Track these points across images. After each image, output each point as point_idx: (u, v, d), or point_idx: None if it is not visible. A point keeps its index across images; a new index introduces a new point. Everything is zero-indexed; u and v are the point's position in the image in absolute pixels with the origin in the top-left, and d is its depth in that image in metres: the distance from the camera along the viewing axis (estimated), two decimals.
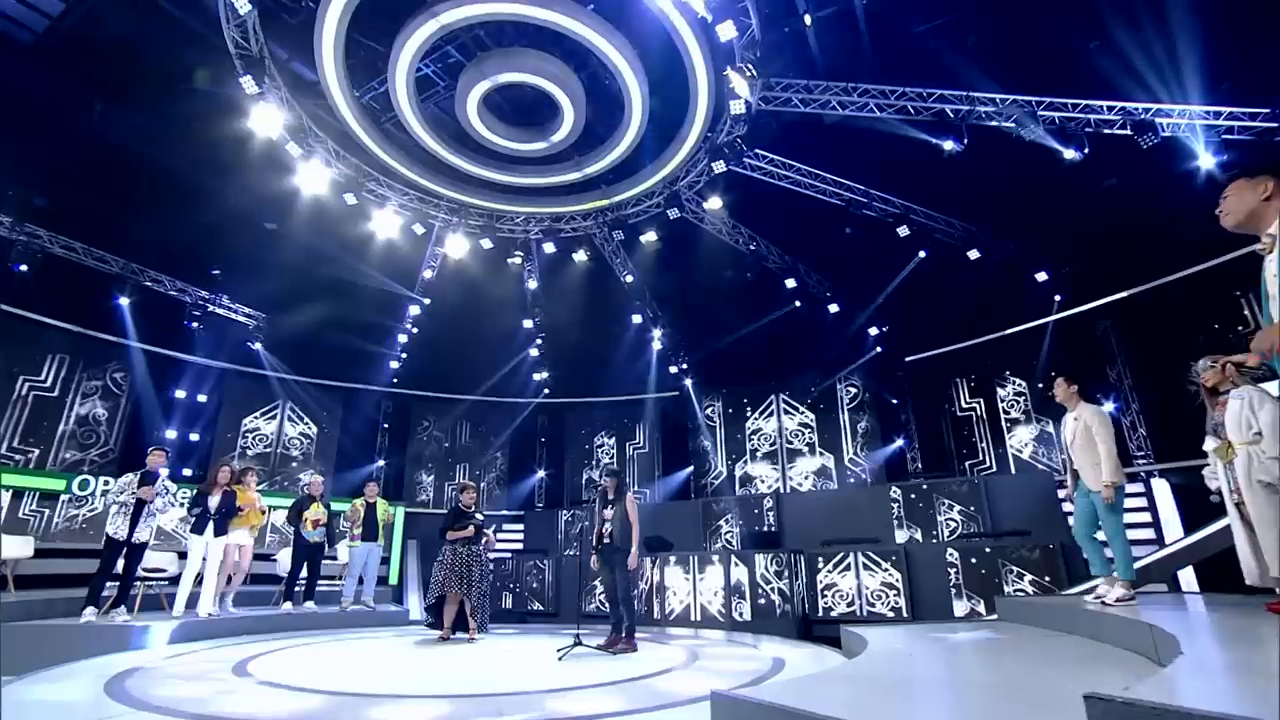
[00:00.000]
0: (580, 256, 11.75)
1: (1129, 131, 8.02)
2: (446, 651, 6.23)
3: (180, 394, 13.46)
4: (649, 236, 11.03)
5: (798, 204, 10.90)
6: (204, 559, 7.05)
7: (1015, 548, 8.96)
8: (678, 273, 12.69)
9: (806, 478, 13.99)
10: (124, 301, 11.94)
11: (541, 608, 11.70)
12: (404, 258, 12.01)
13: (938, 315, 12.71)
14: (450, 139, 10.12)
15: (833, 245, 11.83)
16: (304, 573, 8.56)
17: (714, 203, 10.15)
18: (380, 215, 10.94)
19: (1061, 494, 6.41)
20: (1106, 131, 8.18)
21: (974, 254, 10.90)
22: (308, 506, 8.52)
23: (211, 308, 13.41)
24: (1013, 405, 12.64)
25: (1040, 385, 12.16)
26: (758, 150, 10.05)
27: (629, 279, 12.88)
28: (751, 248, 12.05)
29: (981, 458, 12.73)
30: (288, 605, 8.24)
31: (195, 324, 13.07)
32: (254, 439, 14.15)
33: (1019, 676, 3.36)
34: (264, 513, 8.03)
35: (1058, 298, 11.37)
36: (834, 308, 13.16)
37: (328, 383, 15.12)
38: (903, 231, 10.67)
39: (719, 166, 9.43)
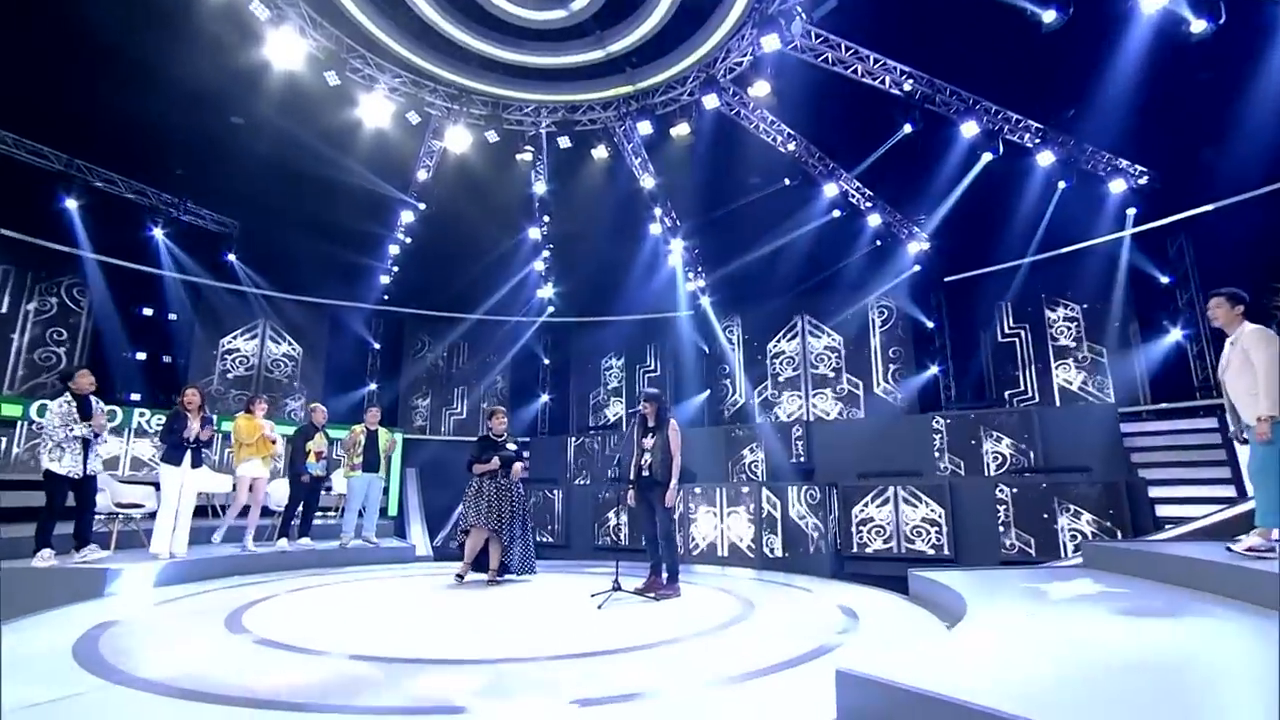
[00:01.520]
0: (599, 154, 10.25)
1: None
2: (468, 597, 5.43)
3: (148, 311, 12.24)
4: (680, 129, 9.53)
5: (847, 96, 9.44)
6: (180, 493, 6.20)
7: (1073, 485, 8.29)
8: (702, 176, 11.22)
9: (833, 405, 13.18)
10: (71, 205, 10.46)
11: (551, 540, 11.08)
12: (396, 153, 10.43)
13: (986, 231, 11.48)
14: (451, 8, 8.45)
15: (879, 147, 10.42)
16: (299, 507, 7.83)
17: (760, 88, 8.60)
18: (368, 100, 9.28)
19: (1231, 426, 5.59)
20: None
21: (1046, 157, 9.60)
22: (311, 436, 7.71)
23: (176, 214, 11.92)
24: (1062, 331, 11.67)
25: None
26: (809, 28, 8.52)
27: (649, 181, 11.45)
28: (790, 147, 10.64)
29: (1024, 388, 11.90)
30: (283, 542, 7.54)
31: (159, 231, 11.67)
32: (233, 361, 13.02)
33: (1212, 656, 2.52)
34: (275, 442, 7.33)
35: (1131, 211, 10.20)
36: (874, 219, 11.94)
37: (311, 299, 13.88)
38: (969, 130, 9.31)
39: (770, 43, 7.91)
